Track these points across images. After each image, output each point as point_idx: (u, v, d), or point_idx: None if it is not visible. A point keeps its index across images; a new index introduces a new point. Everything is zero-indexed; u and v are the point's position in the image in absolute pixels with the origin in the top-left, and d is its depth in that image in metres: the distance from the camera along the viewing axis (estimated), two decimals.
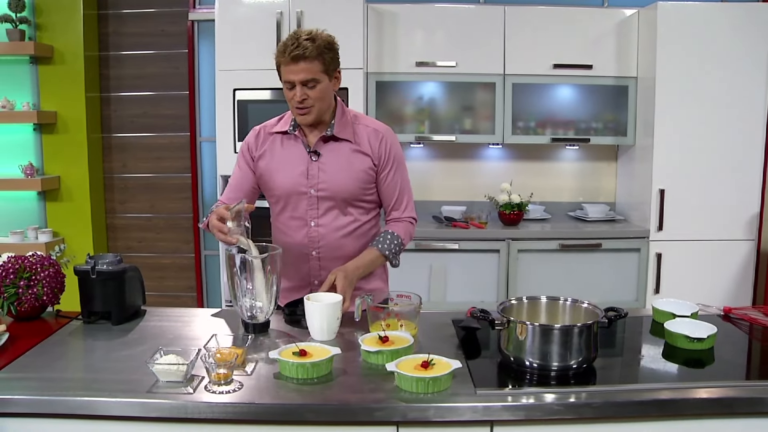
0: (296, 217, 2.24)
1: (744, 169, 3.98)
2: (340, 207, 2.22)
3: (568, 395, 1.56)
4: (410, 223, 2.34)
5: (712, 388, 1.60)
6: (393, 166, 2.26)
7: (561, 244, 3.99)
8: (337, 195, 2.20)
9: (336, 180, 2.19)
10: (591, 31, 4.13)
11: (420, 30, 4.12)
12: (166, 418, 1.52)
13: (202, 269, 4.74)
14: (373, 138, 2.23)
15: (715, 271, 4.04)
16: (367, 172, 2.22)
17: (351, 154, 2.21)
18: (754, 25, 3.88)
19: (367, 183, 2.23)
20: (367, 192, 2.25)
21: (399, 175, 2.28)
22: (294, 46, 2.06)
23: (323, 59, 2.09)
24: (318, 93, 2.10)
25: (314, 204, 2.21)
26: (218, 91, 3.93)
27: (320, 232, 2.22)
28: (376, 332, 1.82)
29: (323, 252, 2.24)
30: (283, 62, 2.11)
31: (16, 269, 2.04)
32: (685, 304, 2.10)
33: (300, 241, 2.24)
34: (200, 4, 4.52)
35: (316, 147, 2.20)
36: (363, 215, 2.27)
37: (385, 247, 2.24)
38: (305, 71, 2.07)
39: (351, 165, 2.20)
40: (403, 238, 2.29)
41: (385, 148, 2.23)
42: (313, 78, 2.08)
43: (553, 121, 4.30)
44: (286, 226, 2.27)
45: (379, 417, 1.50)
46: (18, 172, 4.33)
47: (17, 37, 4.19)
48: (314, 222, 2.22)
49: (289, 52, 2.07)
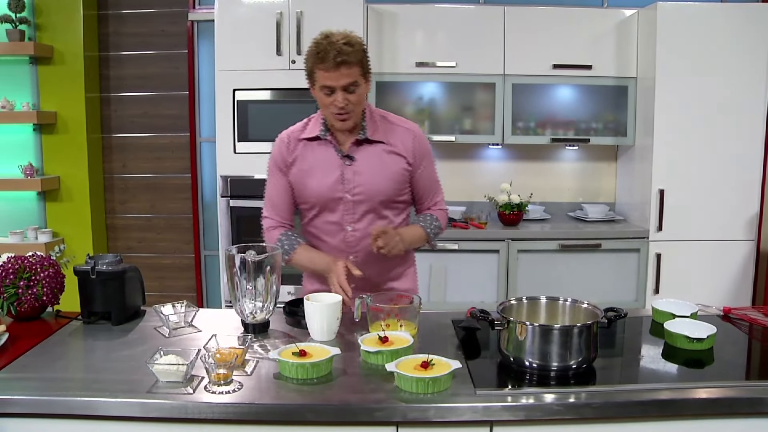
0: (332, 222, 2.23)
1: (743, 170, 3.98)
2: (376, 210, 2.22)
3: (567, 395, 1.56)
4: (443, 210, 2.36)
5: (712, 388, 1.60)
6: (425, 163, 2.28)
7: (561, 245, 3.99)
8: (373, 198, 2.20)
9: (372, 183, 2.19)
10: (591, 31, 4.13)
11: (420, 30, 4.12)
12: (166, 419, 1.52)
13: (202, 269, 4.74)
14: (407, 137, 2.24)
15: (715, 272, 4.04)
16: (402, 172, 2.22)
17: (385, 155, 2.21)
18: (753, 25, 3.88)
19: (402, 183, 2.24)
20: (402, 192, 2.26)
21: (430, 170, 2.31)
22: (335, 52, 2.02)
23: (362, 63, 2.09)
24: (357, 97, 2.10)
25: (350, 208, 2.21)
26: (218, 91, 3.93)
27: (357, 236, 2.22)
28: (376, 332, 1.81)
29: (360, 256, 2.23)
30: (324, 68, 2.05)
31: (16, 269, 2.04)
32: (684, 305, 2.10)
33: (336, 246, 2.24)
34: (200, 5, 4.52)
35: (349, 151, 2.19)
36: (397, 216, 2.27)
37: (426, 225, 2.28)
38: (347, 76, 2.05)
39: (386, 167, 2.20)
40: (440, 221, 2.32)
41: (419, 147, 2.25)
42: (354, 82, 2.07)
43: (553, 121, 4.30)
44: (320, 231, 2.26)
45: (379, 417, 1.50)
46: (18, 172, 4.33)
47: (17, 38, 4.19)
48: (351, 227, 2.22)
49: (332, 58, 2.02)
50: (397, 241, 2.10)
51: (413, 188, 2.30)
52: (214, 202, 4.52)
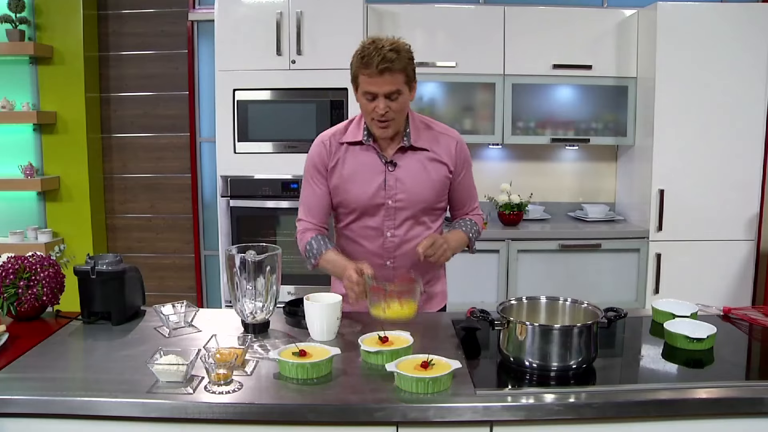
0: (371, 227, 2.21)
1: (744, 170, 3.98)
2: (416, 216, 2.21)
3: (567, 395, 1.56)
4: (480, 215, 2.37)
5: (712, 388, 1.60)
6: (465, 170, 2.27)
7: (561, 245, 3.99)
8: (414, 205, 2.19)
9: (414, 191, 2.18)
10: (591, 31, 4.13)
11: (420, 30, 4.12)
12: (166, 419, 1.52)
13: (202, 269, 4.74)
14: (450, 145, 2.23)
15: (715, 272, 4.04)
16: (443, 180, 2.22)
17: (428, 162, 2.20)
18: (753, 25, 3.88)
19: (443, 191, 2.23)
20: (443, 199, 2.26)
21: (469, 177, 2.31)
22: (380, 58, 1.99)
23: (407, 71, 2.07)
24: (400, 105, 2.08)
25: (391, 215, 2.19)
26: (218, 91, 3.93)
27: (395, 242, 2.20)
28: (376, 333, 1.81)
29: (398, 261, 2.22)
30: (367, 74, 2.03)
31: (16, 269, 2.04)
32: (684, 305, 2.10)
33: (374, 251, 2.22)
34: (200, 5, 4.52)
35: (393, 158, 2.18)
36: (434, 222, 2.26)
37: (467, 230, 2.27)
38: (390, 83, 2.03)
39: (428, 174, 2.19)
40: (479, 226, 2.32)
41: (461, 154, 2.24)
42: (397, 90, 2.05)
43: (553, 121, 4.30)
44: (358, 235, 2.24)
45: (379, 417, 1.50)
46: (18, 172, 4.33)
47: (17, 38, 4.19)
48: (390, 233, 2.20)
49: (376, 64, 1.99)
50: (445, 249, 2.10)
51: (452, 195, 2.29)
52: (214, 202, 4.52)
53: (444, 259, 2.13)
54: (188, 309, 2.06)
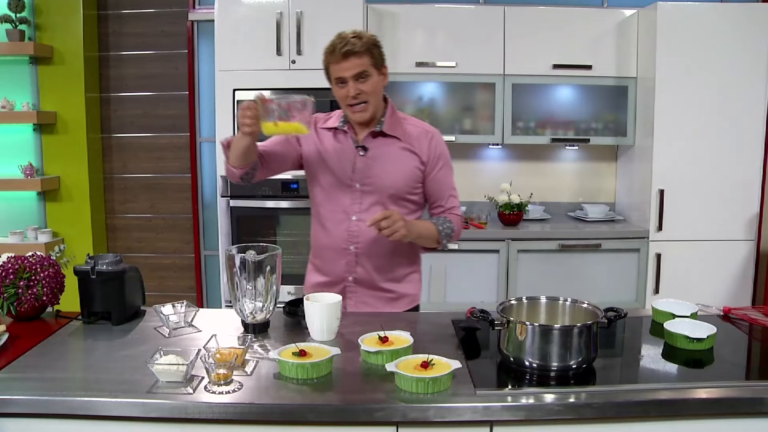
0: (338, 210, 2.25)
1: (743, 170, 3.98)
2: (384, 203, 2.23)
3: (567, 395, 1.56)
4: (458, 216, 2.36)
5: (712, 388, 1.60)
6: (441, 165, 2.29)
7: (561, 245, 3.99)
8: (382, 190, 2.22)
9: (382, 175, 2.22)
10: (591, 31, 4.14)
11: (420, 30, 4.12)
12: (166, 419, 1.52)
13: (202, 269, 4.74)
14: (423, 137, 2.27)
15: (715, 272, 4.04)
16: (414, 170, 2.25)
17: (399, 151, 2.24)
18: (753, 25, 3.88)
19: (413, 181, 2.26)
20: (414, 190, 2.28)
21: (446, 173, 2.33)
22: (343, 44, 2.11)
23: (372, 53, 2.15)
24: (370, 86, 2.15)
25: (358, 198, 2.23)
26: (218, 91, 3.93)
27: (361, 226, 2.22)
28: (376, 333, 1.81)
29: (361, 248, 2.24)
30: (333, 61, 2.14)
31: (16, 269, 2.03)
32: (684, 305, 2.10)
33: (339, 235, 2.25)
34: (200, 5, 4.52)
35: (364, 142, 2.24)
36: (406, 215, 2.25)
37: (438, 224, 2.28)
38: (356, 66, 2.11)
39: (398, 161, 2.24)
40: (454, 225, 2.32)
41: (434, 148, 2.27)
42: (364, 71, 2.13)
43: (553, 121, 4.30)
44: (325, 219, 2.28)
45: (379, 417, 1.50)
46: (18, 172, 4.33)
47: (17, 38, 4.19)
48: (356, 216, 2.23)
49: (339, 49, 2.11)
50: (400, 225, 2.07)
51: (426, 189, 2.31)
52: (214, 202, 4.53)
53: (398, 236, 2.08)
54: (188, 309, 2.06)
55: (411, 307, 2.36)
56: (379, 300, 2.29)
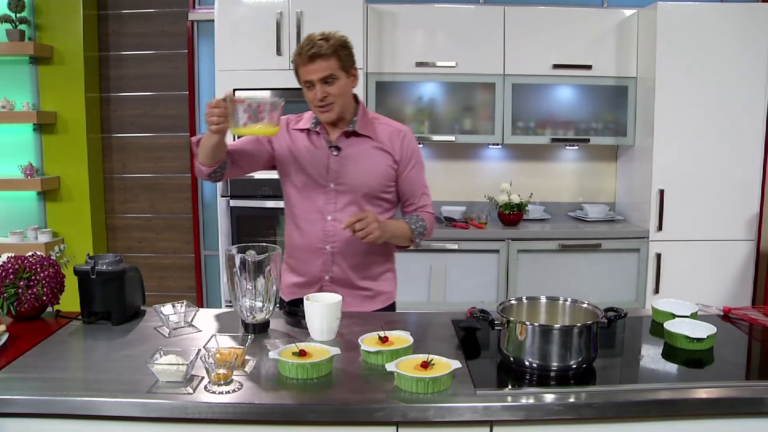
0: (313, 210, 2.26)
1: (744, 169, 3.98)
2: (358, 202, 2.24)
3: (567, 395, 1.56)
4: (431, 213, 2.37)
5: (712, 388, 1.60)
6: (413, 163, 2.30)
7: (561, 245, 3.99)
8: (356, 189, 2.23)
9: (356, 174, 2.23)
10: (591, 31, 4.14)
11: (420, 30, 4.12)
12: (166, 419, 1.52)
13: (202, 269, 4.74)
14: (395, 137, 2.28)
15: (715, 272, 4.04)
16: (387, 169, 2.26)
17: (372, 150, 2.25)
18: (754, 25, 3.88)
19: (386, 179, 2.27)
20: (387, 189, 2.28)
21: (418, 172, 2.33)
22: (309, 47, 2.10)
23: (339, 56, 2.13)
24: (337, 89, 2.15)
25: (332, 198, 2.24)
26: (218, 91, 3.92)
27: (336, 226, 2.22)
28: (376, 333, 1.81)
29: (337, 247, 2.25)
30: (301, 63, 2.14)
31: (16, 269, 2.03)
32: (684, 305, 2.10)
33: (315, 235, 2.26)
34: (200, 5, 4.52)
35: (337, 142, 2.24)
36: (380, 214, 2.27)
37: (411, 223, 2.28)
38: (323, 68, 2.11)
39: (372, 161, 2.24)
40: (426, 223, 2.32)
41: (406, 147, 2.28)
42: (331, 74, 2.12)
43: (553, 121, 4.30)
44: (301, 219, 2.29)
45: (379, 417, 1.50)
46: (18, 172, 4.33)
47: (17, 38, 4.19)
48: (331, 216, 2.24)
49: (305, 52, 2.11)
50: (374, 227, 2.08)
51: (399, 188, 2.32)
52: (214, 202, 4.52)
53: (372, 238, 2.09)
54: (188, 309, 2.06)
55: (388, 304, 2.37)
56: (355, 298, 2.29)
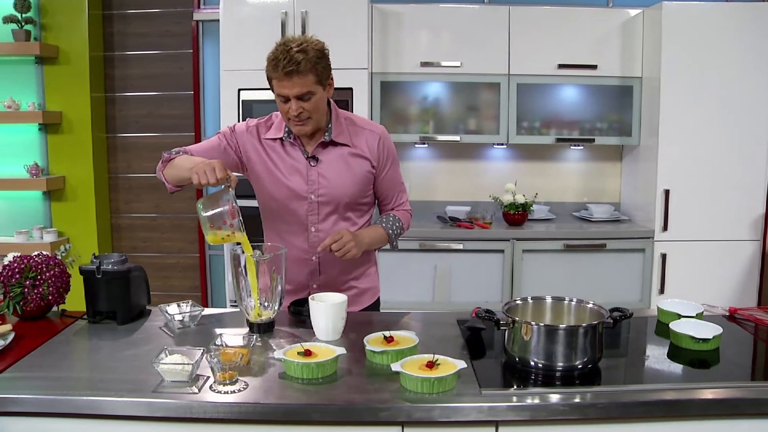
0: (295, 222, 2.23)
1: (749, 170, 3.97)
2: (339, 212, 2.22)
3: (573, 395, 1.56)
4: (407, 211, 2.38)
5: (718, 388, 1.59)
6: (390, 164, 2.28)
7: (566, 245, 3.98)
8: (337, 200, 2.20)
9: (336, 185, 2.19)
10: (596, 31, 4.13)
11: (425, 30, 4.12)
12: (171, 418, 1.52)
13: (207, 269, 4.75)
14: (372, 140, 2.23)
15: (721, 272, 4.03)
16: (366, 175, 2.23)
17: (350, 158, 2.20)
18: (759, 25, 3.87)
19: (366, 185, 2.24)
20: (366, 194, 2.27)
21: (394, 171, 2.32)
22: (286, 61, 1.96)
23: (316, 71, 2.01)
24: (313, 105, 2.05)
25: (314, 209, 2.21)
26: (223, 91, 3.93)
27: (320, 237, 2.21)
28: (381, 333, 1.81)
29: (322, 256, 2.23)
30: (276, 77, 2.01)
31: (22, 269, 2.04)
32: (690, 305, 2.10)
33: (299, 246, 2.23)
34: (205, 5, 4.53)
35: (314, 153, 2.18)
36: (360, 218, 2.27)
37: (388, 227, 2.28)
38: (299, 86, 2.00)
39: (350, 169, 2.20)
40: (403, 222, 2.33)
41: (383, 150, 2.24)
42: (308, 91, 2.02)
43: (558, 121, 4.30)
44: (283, 231, 2.26)
45: (384, 417, 1.50)
46: (23, 171, 4.34)
47: (23, 38, 4.20)
48: (314, 227, 2.22)
49: (282, 68, 1.97)
50: (351, 246, 2.10)
51: (377, 189, 2.30)
52: None
53: (351, 255, 2.10)
54: (193, 308, 2.07)
55: (374, 299, 2.38)
56: None
